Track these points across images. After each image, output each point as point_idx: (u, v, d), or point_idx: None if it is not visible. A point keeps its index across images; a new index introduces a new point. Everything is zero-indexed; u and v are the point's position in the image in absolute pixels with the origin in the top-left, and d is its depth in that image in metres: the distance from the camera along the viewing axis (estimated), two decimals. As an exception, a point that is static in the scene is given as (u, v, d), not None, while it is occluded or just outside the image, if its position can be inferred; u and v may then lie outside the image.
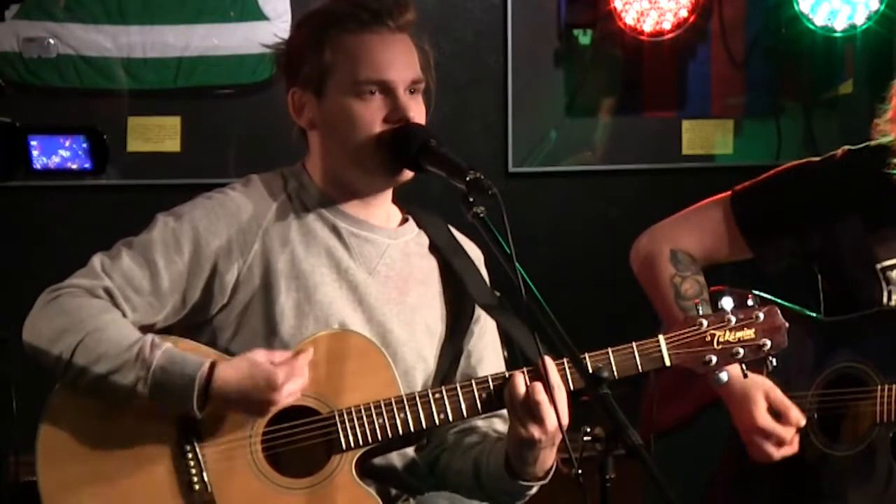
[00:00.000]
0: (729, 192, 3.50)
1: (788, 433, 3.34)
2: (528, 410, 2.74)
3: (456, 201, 2.64)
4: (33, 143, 2.59)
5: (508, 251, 2.57)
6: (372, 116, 2.85)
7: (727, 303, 2.88)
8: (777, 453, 3.34)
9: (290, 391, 2.75)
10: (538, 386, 2.73)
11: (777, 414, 3.34)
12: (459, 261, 3.02)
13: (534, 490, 2.89)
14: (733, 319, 2.88)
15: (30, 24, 4.64)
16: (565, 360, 2.77)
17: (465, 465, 2.94)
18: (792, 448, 3.35)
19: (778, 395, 3.35)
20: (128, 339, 2.78)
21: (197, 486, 2.81)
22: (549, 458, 2.81)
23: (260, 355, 2.77)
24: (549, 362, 2.73)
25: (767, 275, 3.47)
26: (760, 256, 3.47)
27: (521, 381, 2.76)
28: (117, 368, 2.76)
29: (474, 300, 3.01)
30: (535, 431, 2.74)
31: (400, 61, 2.86)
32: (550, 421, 2.73)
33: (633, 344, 2.85)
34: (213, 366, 2.76)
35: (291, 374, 2.75)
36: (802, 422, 3.35)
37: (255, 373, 2.74)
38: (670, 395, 3.53)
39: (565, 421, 2.70)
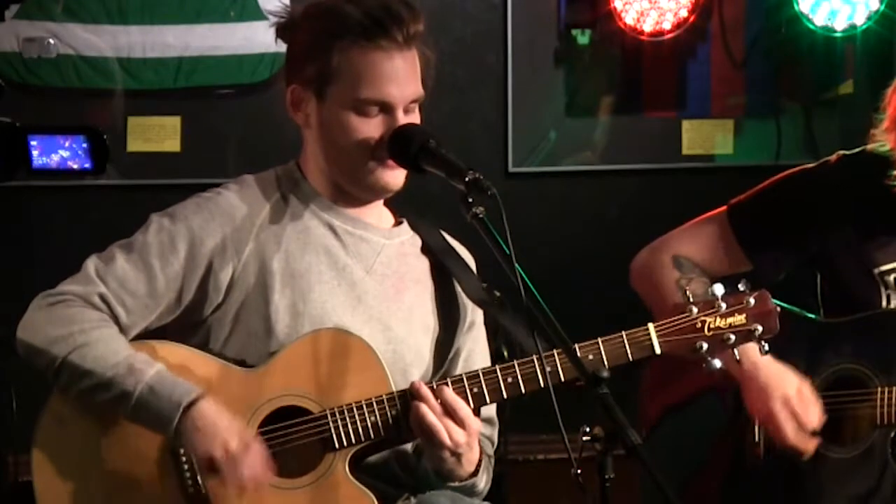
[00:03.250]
0: (725, 207, 3.50)
1: (811, 423, 3.31)
2: (423, 434, 2.79)
3: (455, 202, 2.64)
4: (33, 143, 2.60)
5: (508, 251, 2.57)
6: (369, 133, 2.85)
7: (718, 289, 2.88)
8: (794, 436, 3.31)
9: (229, 464, 2.74)
10: (426, 414, 2.77)
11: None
12: (452, 261, 3.03)
13: (475, 486, 2.91)
14: (724, 305, 2.88)
15: (30, 24, 4.65)
16: (555, 351, 2.78)
17: (428, 469, 2.96)
18: (809, 443, 3.32)
19: (808, 391, 3.33)
20: (115, 357, 2.78)
21: (192, 489, 2.81)
22: (468, 460, 2.86)
23: (241, 431, 2.76)
24: (444, 389, 2.78)
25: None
26: (761, 268, 3.46)
27: (414, 409, 2.79)
28: (102, 385, 2.77)
29: (468, 299, 3.02)
30: (437, 451, 2.81)
31: (403, 81, 2.85)
32: (449, 442, 2.77)
33: (623, 333, 2.85)
34: (200, 396, 2.76)
35: (245, 461, 2.74)
36: (817, 422, 3.32)
37: (225, 429, 2.74)
38: (662, 385, 3.52)
39: (472, 434, 2.79)
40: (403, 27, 2.85)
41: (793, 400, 3.30)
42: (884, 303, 3.40)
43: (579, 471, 2.50)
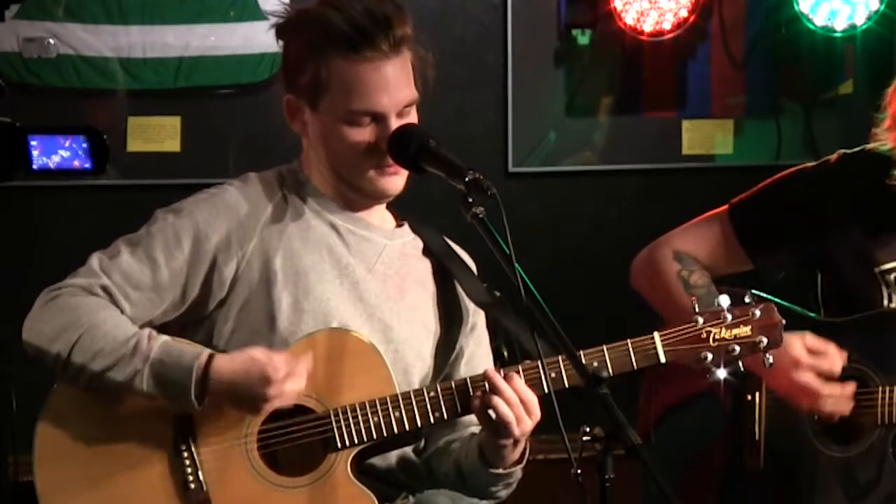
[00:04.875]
0: (726, 206, 3.50)
1: (837, 365, 3.32)
2: (492, 423, 2.79)
3: (456, 204, 2.64)
4: (33, 143, 2.59)
5: (508, 251, 2.57)
6: (362, 142, 2.86)
7: (723, 300, 2.89)
8: (825, 388, 3.31)
9: (285, 391, 2.75)
10: (500, 405, 2.76)
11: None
12: (453, 264, 3.04)
13: (515, 476, 2.93)
14: (729, 316, 2.89)
15: (30, 24, 4.64)
16: (560, 359, 2.79)
17: (449, 467, 2.97)
18: (843, 390, 3.31)
19: (812, 337, 3.33)
20: (125, 333, 2.79)
21: (193, 486, 2.81)
22: (521, 446, 2.87)
23: (259, 352, 2.77)
24: (516, 378, 2.78)
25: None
26: (761, 268, 3.47)
27: (488, 399, 2.79)
28: (115, 363, 2.77)
29: (470, 300, 3.02)
30: (502, 440, 2.81)
31: (393, 89, 2.85)
32: (518, 431, 2.78)
33: (629, 341, 2.86)
34: (210, 357, 2.77)
35: (289, 373, 2.75)
36: (843, 354, 3.32)
37: (251, 367, 2.74)
38: (663, 384, 3.52)
39: (533, 425, 2.80)
40: (389, 34, 2.84)
41: (802, 359, 3.29)
42: (885, 302, 3.40)
43: (579, 471, 2.50)
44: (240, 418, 2.82)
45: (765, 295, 3.21)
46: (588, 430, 2.44)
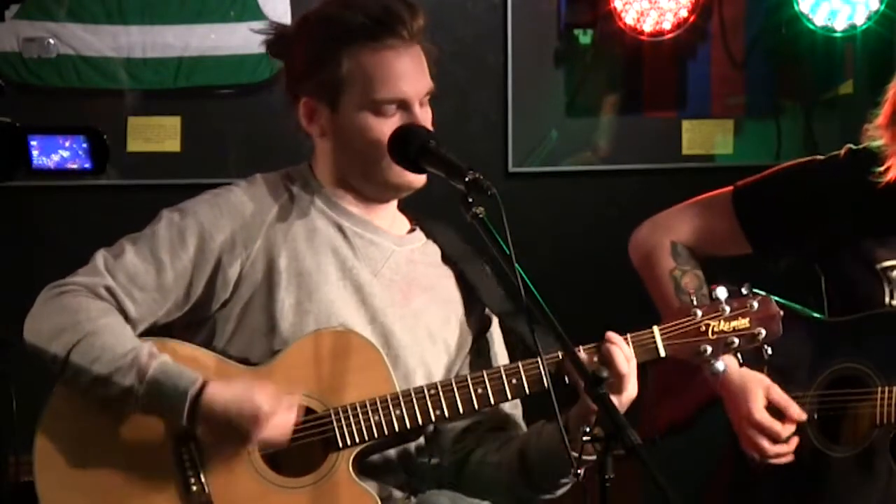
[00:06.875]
0: (731, 188, 3.50)
1: (786, 430, 3.33)
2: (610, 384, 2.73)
3: (456, 204, 2.64)
4: (33, 143, 2.59)
5: (508, 252, 2.57)
6: (389, 132, 2.85)
7: (721, 292, 2.89)
8: (771, 449, 3.33)
9: (272, 432, 2.75)
10: (618, 356, 2.75)
11: (776, 411, 3.34)
12: (473, 269, 3.03)
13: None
14: (727, 309, 2.89)
15: (30, 24, 4.64)
16: (559, 354, 2.78)
17: (507, 455, 2.93)
18: (788, 448, 3.34)
19: (777, 392, 3.35)
20: (123, 346, 2.78)
21: (194, 487, 2.81)
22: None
23: (255, 387, 2.76)
24: (618, 339, 2.78)
25: (769, 274, 3.46)
26: (760, 252, 3.47)
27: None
28: (111, 374, 2.76)
29: (488, 307, 3.02)
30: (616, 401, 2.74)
31: (414, 76, 2.87)
32: (629, 389, 2.77)
33: (629, 335, 2.85)
34: (205, 384, 2.76)
35: (277, 411, 2.74)
36: (803, 417, 3.34)
37: (243, 402, 2.74)
38: (667, 396, 3.53)
39: (633, 396, 2.79)
40: (407, 24, 2.86)
41: (756, 414, 3.30)
42: (887, 299, 3.40)
43: (579, 471, 2.50)
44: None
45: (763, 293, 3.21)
46: (588, 429, 2.44)
